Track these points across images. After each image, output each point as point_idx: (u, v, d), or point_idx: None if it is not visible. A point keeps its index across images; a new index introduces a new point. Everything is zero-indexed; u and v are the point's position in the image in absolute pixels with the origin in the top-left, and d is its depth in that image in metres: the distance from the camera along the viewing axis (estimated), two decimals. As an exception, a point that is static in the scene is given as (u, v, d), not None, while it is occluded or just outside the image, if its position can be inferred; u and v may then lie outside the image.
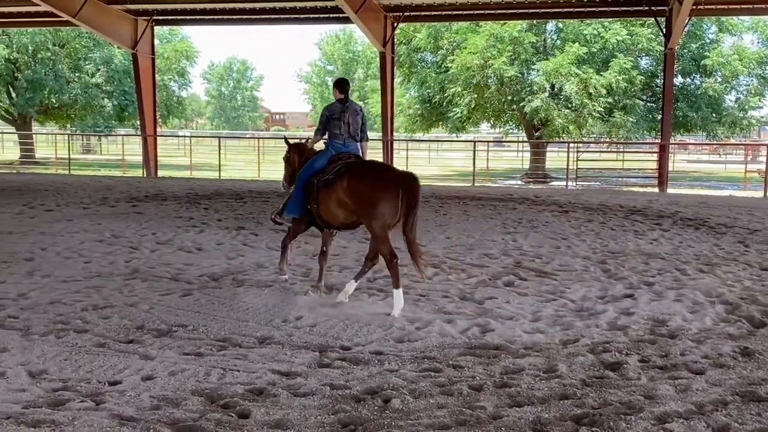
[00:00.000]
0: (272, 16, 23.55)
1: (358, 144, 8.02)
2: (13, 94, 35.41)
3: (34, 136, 38.24)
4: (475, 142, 27.19)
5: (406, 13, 22.26)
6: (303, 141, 8.82)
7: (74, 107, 35.72)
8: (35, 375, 5.33)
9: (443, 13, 22.54)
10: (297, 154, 8.34)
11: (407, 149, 28.75)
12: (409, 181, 7.16)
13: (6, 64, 34.13)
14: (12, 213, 13.95)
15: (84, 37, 35.04)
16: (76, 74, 35.73)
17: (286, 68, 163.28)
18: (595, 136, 30.39)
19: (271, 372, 5.40)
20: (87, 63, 35.86)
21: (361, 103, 12.91)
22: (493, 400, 4.85)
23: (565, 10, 22.09)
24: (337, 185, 7.34)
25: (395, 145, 25.46)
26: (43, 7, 21.38)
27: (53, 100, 35.37)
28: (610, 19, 26.86)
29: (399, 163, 25.19)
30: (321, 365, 5.60)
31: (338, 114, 7.86)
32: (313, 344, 6.11)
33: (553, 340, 6.27)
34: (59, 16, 21.88)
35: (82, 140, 44.40)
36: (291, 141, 8.61)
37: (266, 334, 6.39)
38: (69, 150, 28.55)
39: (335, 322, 6.76)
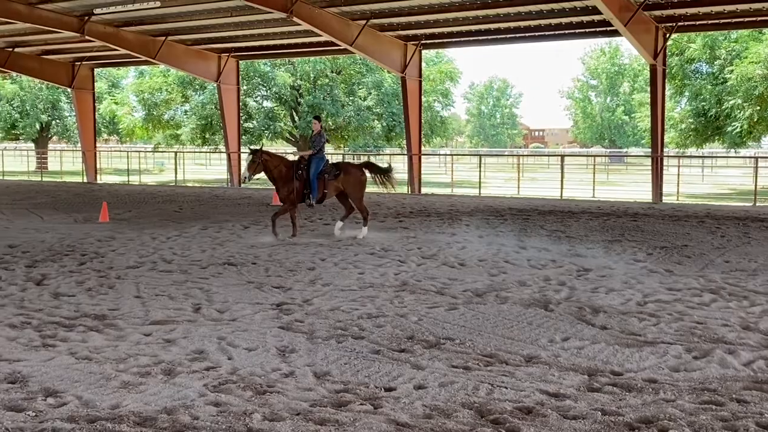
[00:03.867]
0: (536, 34, 23.35)
1: None
2: (296, 118, 38.90)
3: (312, 155, 41.56)
4: (757, 158, 24.94)
5: (679, 23, 20.96)
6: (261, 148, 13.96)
7: (348, 128, 38.40)
8: (320, 376, 5.78)
9: (721, 21, 20.90)
10: (271, 158, 13.61)
11: (678, 165, 27.10)
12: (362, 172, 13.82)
13: (291, 91, 37.67)
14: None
15: (358, 63, 37.60)
16: (350, 98, 38.43)
17: (546, 84, 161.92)
18: None
19: (539, 392, 5.36)
20: (360, 87, 38.43)
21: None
22: (787, 442, 4.41)
23: None
24: (338, 178, 13.53)
25: (665, 161, 24.01)
26: (325, 38, 23.28)
27: (330, 123, 38.31)
28: None
29: (670, 180, 23.82)
30: (590, 389, 5.46)
31: (325, 140, 13.74)
32: (581, 367, 5.98)
33: None
34: (338, 45, 23.65)
35: (353, 159, 47.49)
36: (264, 149, 13.67)
37: (532, 353, 6.37)
38: (342, 168, 30.68)
39: (603, 346, 6.56)
